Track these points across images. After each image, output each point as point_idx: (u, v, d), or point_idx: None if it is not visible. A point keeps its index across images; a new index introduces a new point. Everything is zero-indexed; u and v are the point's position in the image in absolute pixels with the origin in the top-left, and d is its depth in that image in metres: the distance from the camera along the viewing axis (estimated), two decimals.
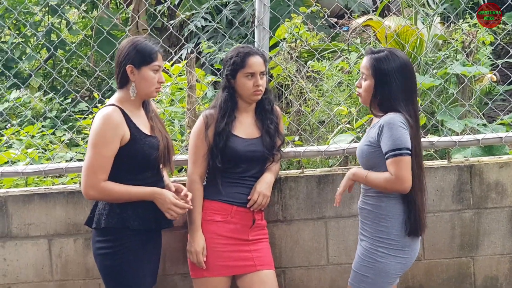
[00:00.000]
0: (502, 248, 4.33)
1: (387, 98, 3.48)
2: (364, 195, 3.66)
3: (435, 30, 7.04)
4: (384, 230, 3.51)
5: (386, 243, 3.50)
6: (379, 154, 3.47)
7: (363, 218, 3.64)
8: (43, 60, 11.15)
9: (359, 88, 3.61)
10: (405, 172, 3.37)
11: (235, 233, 3.82)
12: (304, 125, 5.90)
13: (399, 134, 3.37)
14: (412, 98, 3.53)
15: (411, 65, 3.56)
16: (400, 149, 3.36)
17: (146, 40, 3.60)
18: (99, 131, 3.44)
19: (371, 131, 3.55)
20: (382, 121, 3.44)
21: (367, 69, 3.54)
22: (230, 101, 3.85)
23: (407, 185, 3.40)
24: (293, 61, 6.05)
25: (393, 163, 3.37)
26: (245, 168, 3.85)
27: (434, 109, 6.29)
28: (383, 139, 3.41)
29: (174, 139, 5.44)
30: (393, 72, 3.47)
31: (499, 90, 7.53)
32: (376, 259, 3.51)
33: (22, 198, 4.32)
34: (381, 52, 3.54)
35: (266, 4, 4.61)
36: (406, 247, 3.52)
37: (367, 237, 3.58)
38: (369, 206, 3.58)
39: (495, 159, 4.40)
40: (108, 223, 3.51)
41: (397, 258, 3.51)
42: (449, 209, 4.30)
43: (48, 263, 4.33)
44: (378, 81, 3.50)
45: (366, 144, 3.54)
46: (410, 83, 3.53)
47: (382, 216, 3.52)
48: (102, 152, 3.42)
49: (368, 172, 3.51)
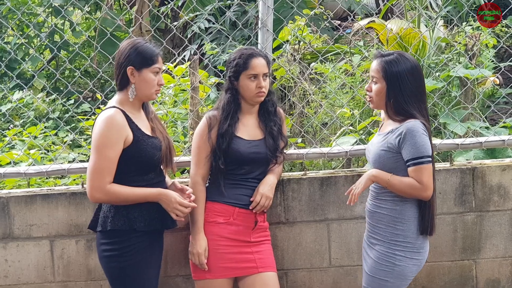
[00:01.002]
0: (504, 251, 4.33)
1: (400, 101, 3.49)
2: (376, 198, 3.64)
3: (438, 33, 7.04)
4: (400, 234, 3.52)
5: (403, 246, 3.51)
6: (396, 160, 3.48)
7: (375, 222, 3.63)
8: (46, 61, 11.18)
9: (369, 92, 3.61)
10: (428, 179, 3.42)
11: (237, 235, 3.82)
12: (307, 127, 5.90)
13: (422, 142, 3.40)
14: (423, 99, 3.55)
15: (420, 67, 3.57)
16: (422, 157, 3.39)
17: (147, 42, 3.60)
18: (103, 133, 3.43)
19: (389, 137, 3.52)
20: (403, 128, 3.44)
21: (378, 72, 3.54)
22: (233, 103, 3.85)
23: (430, 192, 3.44)
24: (296, 63, 6.05)
25: (417, 170, 3.40)
26: (248, 169, 3.85)
27: (436, 111, 6.29)
28: (405, 147, 3.42)
29: (177, 140, 5.44)
30: (404, 74, 3.48)
31: (501, 93, 7.52)
32: (395, 262, 3.52)
33: (24, 199, 4.32)
34: (391, 55, 3.54)
35: (269, 6, 4.62)
36: (421, 248, 3.55)
37: (381, 241, 3.58)
38: (383, 210, 3.58)
39: (498, 162, 4.39)
40: (115, 225, 3.51)
41: (413, 261, 3.53)
42: (452, 212, 4.29)
43: (50, 264, 4.33)
44: (390, 84, 3.50)
45: (383, 149, 3.53)
46: (421, 85, 3.54)
47: (398, 220, 3.52)
48: (106, 155, 3.42)
49: (392, 175, 3.50)
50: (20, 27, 11.52)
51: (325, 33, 8.76)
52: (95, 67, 8.73)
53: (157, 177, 3.66)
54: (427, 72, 6.57)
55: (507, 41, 9.30)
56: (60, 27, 12.05)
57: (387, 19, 9.40)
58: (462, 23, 7.87)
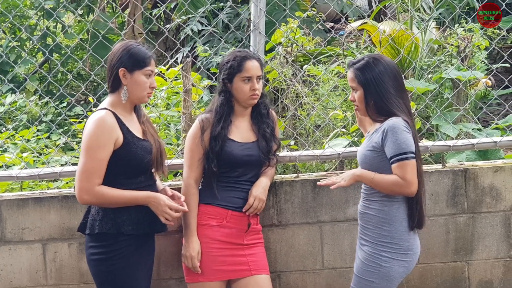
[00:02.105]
0: (496, 252, 4.34)
1: (379, 102, 3.52)
2: (366, 199, 3.66)
3: (430, 35, 7.05)
4: (387, 235, 3.52)
5: (389, 247, 3.52)
6: (382, 158, 3.49)
7: (364, 223, 3.64)
8: (38, 64, 11.15)
9: (354, 101, 3.65)
10: (412, 175, 3.42)
11: (230, 237, 3.81)
12: (299, 130, 5.90)
13: (404, 138, 3.41)
14: (402, 96, 3.58)
15: (394, 66, 3.60)
16: (405, 153, 3.40)
17: (140, 45, 3.60)
18: (93, 134, 3.42)
19: (373, 136, 3.55)
20: (385, 126, 3.46)
21: (353, 80, 3.59)
22: (226, 105, 3.85)
23: (414, 188, 3.45)
24: (289, 66, 6.05)
25: (400, 167, 3.41)
26: (241, 172, 3.85)
27: (429, 113, 6.30)
28: (387, 144, 3.43)
29: (170, 143, 5.44)
30: (377, 76, 3.52)
31: (494, 94, 7.54)
32: (381, 263, 3.52)
33: (17, 202, 4.30)
34: (361, 60, 3.60)
35: (262, 8, 4.62)
36: (408, 250, 3.54)
37: (369, 242, 3.59)
38: (371, 211, 3.59)
39: (490, 164, 4.40)
40: (102, 228, 3.49)
41: (400, 262, 3.52)
42: (444, 214, 4.30)
43: (42, 268, 4.32)
44: (366, 89, 3.54)
45: (369, 150, 3.56)
46: (397, 83, 3.56)
47: (385, 221, 3.53)
48: (96, 156, 3.41)
49: (375, 174, 3.51)
50: (12, 30, 11.50)
51: (318, 36, 8.77)
52: (87, 70, 8.71)
53: (147, 180, 3.64)
54: (419, 74, 6.58)
55: (499, 43, 9.34)
56: (53, 30, 12.03)
57: (380, 21, 9.42)
58: (454, 25, 7.89)
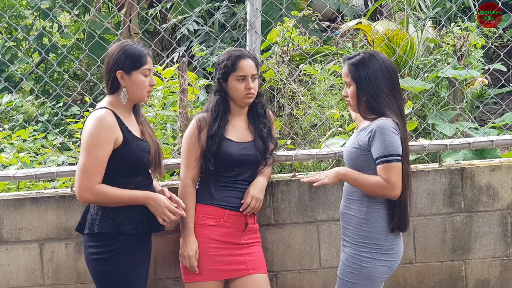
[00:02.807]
0: (493, 251, 4.34)
1: (370, 100, 3.48)
2: (346, 198, 3.64)
3: (427, 34, 7.06)
4: (366, 235, 3.50)
5: (369, 248, 3.50)
6: (367, 158, 3.47)
7: (345, 223, 3.63)
8: (35, 64, 11.14)
9: (346, 96, 3.62)
10: (396, 178, 3.38)
11: (227, 237, 3.81)
12: (296, 129, 5.91)
13: (391, 140, 3.37)
14: (396, 96, 3.53)
15: (391, 65, 3.55)
16: (391, 155, 3.36)
17: (135, 44, 3.58)
18: (93, 133, 3.42)
19: (361, 134, 3.52)
20: (374, 125, 3.43)
21: (347, 75, 3.56)
22: (222, 105, 3.86)
23: (397, 192, 3.41)
24: (285, 65, 6.05)
25: (384, 169, 3.38)
26: (238, 172, 3.85)
27: (425, 112, 6.31)
28: (374, 144, 3.40)
29: (166, 143, 5.44)
30: (371, 73, 3.47)
31: (490, 93, 7.56)
32: (362, 264, 3.50)
33: (13, 202, 4.30)
34: (357, 56, 3.56)
35: (258, 8, 4.62)
36: (390, 250, 3.52)
37: (350, 243, 3.57)
38: (351, 211, 3.58)
39: (487, 163, 4.40)
40: (102, 228, 3.49)
41: (382, 262, 3.50)
42: (441, 213, 4.30)
43: (40, 268, 4.32)
44: (358, 85, 3.51)
45: (355, 147, 3.53)
46: (392, 83, 3.52)
47: (364, 221, 3.51)
48: (96, 154, 3.40)
49: (360, 174, 3.49)
50: (8, 30, 11.48)
51: (314, 35, 8.77)
52: (83, 70, 8.71)
53: (145, 180, 3.65)
54: (415, 73, 6.59)
55: (496, 41, 9.35)
56: (49, 30, 12.01)
57: (376, 20, 9.43)
58: (450, 23, 7.90)
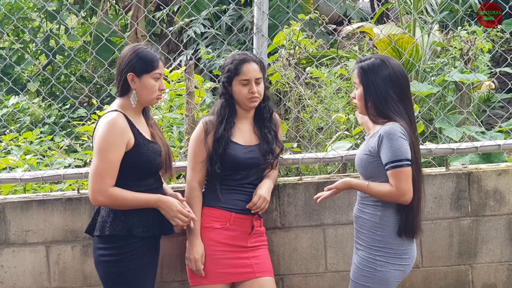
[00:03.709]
0: (500, 256, 4.33)
1: (377, 104, 3.47)
2: (360, 203, 3.64)
3: (434, 37, 7.04)
4: (380, 239, 3.50)
5: (383, 252, 3.50)
6: (378, 164, 3.46)
7: (359, 227, 3.63)
8: (42, 66, 11.16)
9: (354, 98, 3.62)
10: (406, 184, 3.38)
11: (234, 240, 3.81)
12: (302, 132, 5.90)
13: (399, 145, 3.36)
14: (405, 102, 3.51)
15: (401, 71, 3.52)
16: (400, 160, 3.36)
17: (148, 48, 3.59)
18: (106, 136, 3.43)
19: (370, 140, 3.52)
20: (382, 131, 3.42)
21: (356, 78, 3.56)
22: (227, 107, 3.86)
23: (408, 197, 3.40)
24: (292, 68, 6.05)
25: (394, 174, 3.37)
26: (244, 175, 3.85)
27: (432, 116, 6.30)
28: (383, 150, 3.40)
29: (173, 145, 5.44)
30: (379, 78, 3.46)
31: (497, 97, 7.54)
32: (376, 268, 3.50)
33: (20, 204, 4.31)
34: (368, 59, 3.54)
35: (265, 11, 4.62)
36: (404, 254, 3.52)
37: (363, 246, 3.57)
38: (365, 215, 3.58)
39: (493, 167, 4.39)
40: (113, 230, 3.50)
41: (396, 266, 3.50)
42: (447, 217, 4.30)
43: (46, 270, 4.32)
44: (366, 88, 3.50)
45: (365, 154, 3.53)
46: (401, 88, 3.50)
47: (378, 225, 3.51)
48: (109, 157, 3.41)
49: (369, 183, 3.49)
50: (15, 32, 11.51)
51: (321, 38, 8.77)
52: (90, 72, 8.72)
53: (156, 182, 3.67)
54: (422, 77, 6.58)
55: (502, 45, 9.33)
56: (56, 32, 12.04)
57: (383, 23, 9.41)
58: (457, 27, 7.89)
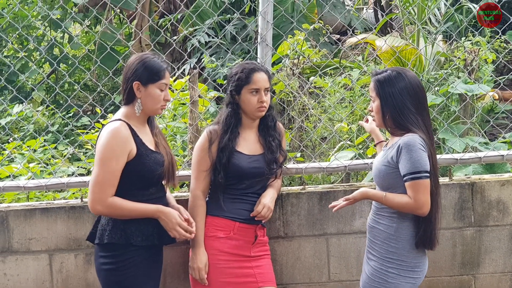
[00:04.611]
0: (503, 266, 4.32)
1: (395, 117, 3.46)
2: (376, 213, 3.63)
3: (437, 48, 7.06)
4: (394, 251, 3.49)
5: (397, 264, 3.48)
6: (396, 175, 3.44)
7: (373, 237, 3.61)
8: (46, 74, 11.19)
9: (371, 111, 3.61)
10: (424, 196, 3.36)
11: (237, 249, 3.81)
12: (306, 142, 5.91)
13: (418, 157, 3.34)
14: (422, 114, 3.49)
15: (418, 83, 3.51)
16: (419, 172, 3.34)
17: (155, 57, 3.59)
18: (107, 146, 3.43)
19: (389, 152, 3.50)
20: (401, 142, 3.41)
21: (372, 91, 3.55)
22: (233, 117, 3.86)
23: (426, 209, 3.39)
24: (296, 77, 6.06)
25: (412, 186, 3.36)
26: (248, 184, 3.84)
27: (435, 126, 6.30)
28: (401, 161, 3.38)
29: (176, 154, 5.44)
30: (396, 90, 3.45)
31: (501, 108, 7.55)
32: (387, 280, 3.49)
33: (24, 212, 4.31)
34: (384, 72, 3.54)
35: (269, 21, 4.64)
36: (416, 267, 3.51)
37: (376, 257, 3.56)
38: (380, 226, 3.56)
39: (497, 177, 4.39)
40: (111, 238, 3.50)
41: (407, 278, 3.49)
42: (451, 227, 4.29)
43: (49, 278, 4.32)
44: (383, 101, 3.49)
45: (384, 165, 3.51)
46: (418, 101, 3.49)
47: (393, 237, 3.50)
48: (110, 167, 3.41)
49: (387, 194, 3.48)
50: (19, 40, 11.55)
51: (324, 48, 8.78)
52: (94, 81, 8.74)
53: (158, 192, 3.65)
54: (426, 87, 6.58)
55: (506, 56, 9.34)
56: (60, 40, 12.08)
57: (387, 34, 9.43)
58: (461, 38, 7.90)
